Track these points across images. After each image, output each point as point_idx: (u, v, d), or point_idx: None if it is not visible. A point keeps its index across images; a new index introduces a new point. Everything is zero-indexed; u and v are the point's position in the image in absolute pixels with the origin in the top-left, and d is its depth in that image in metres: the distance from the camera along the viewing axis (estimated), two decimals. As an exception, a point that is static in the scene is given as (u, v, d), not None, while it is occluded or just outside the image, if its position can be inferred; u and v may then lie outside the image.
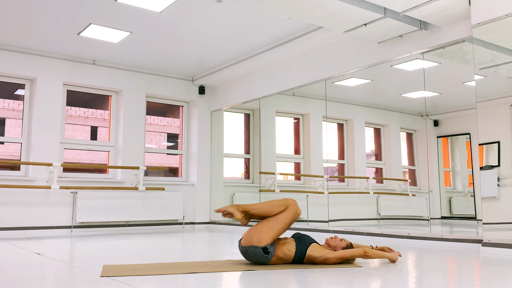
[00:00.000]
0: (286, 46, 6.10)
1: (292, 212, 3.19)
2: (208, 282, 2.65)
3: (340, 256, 3.19)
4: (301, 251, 3.19)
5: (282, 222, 3.16)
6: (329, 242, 3.33)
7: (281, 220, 3.16)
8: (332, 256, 3.17)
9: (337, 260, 3.18)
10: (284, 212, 3.18)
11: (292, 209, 3.19)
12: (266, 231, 3.12)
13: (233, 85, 7.70)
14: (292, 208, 3.20)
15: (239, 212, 3.11)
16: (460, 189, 6.65)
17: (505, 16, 4.10)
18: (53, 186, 6.36)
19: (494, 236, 4.05)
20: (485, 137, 4.30)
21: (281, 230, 3.16)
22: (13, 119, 11.49)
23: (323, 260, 3.17)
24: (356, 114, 7.14)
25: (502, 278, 2.83)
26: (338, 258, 3.18)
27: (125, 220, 6.97)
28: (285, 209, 3.19)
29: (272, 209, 3.17)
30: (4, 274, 2.94)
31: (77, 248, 4.75)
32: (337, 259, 3.18)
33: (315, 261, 3.19)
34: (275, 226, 3.14)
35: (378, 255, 3.26)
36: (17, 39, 6.15)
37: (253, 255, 3.13)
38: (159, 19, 5.46)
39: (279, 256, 3.16)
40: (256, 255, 3.11)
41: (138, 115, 7.44)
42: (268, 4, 4.43)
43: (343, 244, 3.29)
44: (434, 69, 5.51)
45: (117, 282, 2.58)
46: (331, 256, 3.17)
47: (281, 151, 7.52)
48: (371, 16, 4.60)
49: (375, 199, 6.83)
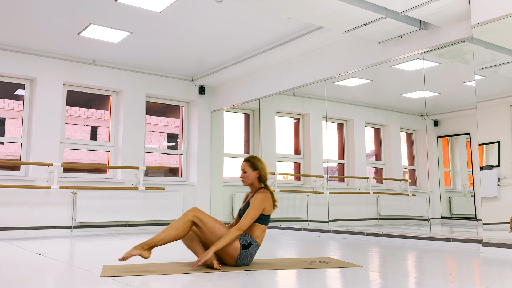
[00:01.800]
0: (286, 46, 6.10)
1: (201, 216, 3.08)
2: (208, 282, 2.65)
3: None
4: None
5: (213, 229, 3.10)
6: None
7: (212, 228, 3.09)
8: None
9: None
10: (204, 223, 3.08)
11: (200, 214, 3.09)
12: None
13: (233, 85, 7.70)
14: (199, 214, 3.09)
15: (147, 251, 2.98)
16: (460, 189, 6.65)
17: (505, 16, 4.10)
18: (53, 186, 6.36)
19: (494, 236, 4.05)
20: (485, 137, 4.30)
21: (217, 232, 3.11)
22: (13, 119, 11.49)
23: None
24: (356, 114, 7.14)
25: (502, 278, 2.83)
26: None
27: (125, 220, 6.97)
28: (193, 222, 3.08)
29: (177, 232, 3.03)
30: (4, 274, 2.94)
31: (77, 248, 4.75)
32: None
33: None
34: (214, 236, 3.10)
35: (223, 243, 3.06)
36: (17, 39, 6.15)
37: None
38: (159, 19, 5.46)
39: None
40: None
41: (138, 115, 7.44)
42: (268, 4, 4.43)
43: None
44: (434, 69, 5.51)
45: (117, 282, 2.58)
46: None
47: (281, 151, 7.52)
48: (371, 16, 4.60)
49: (375, 199, 6.83)
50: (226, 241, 3.03)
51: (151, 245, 2.99)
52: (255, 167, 3.30)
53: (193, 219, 3.07)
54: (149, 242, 2.99)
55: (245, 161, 3.34)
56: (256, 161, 3.32)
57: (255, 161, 3.32)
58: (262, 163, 3.34)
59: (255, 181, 3.32)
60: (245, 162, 3.33)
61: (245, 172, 3.31)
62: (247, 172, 3.31)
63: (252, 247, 3.17)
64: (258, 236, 3.23)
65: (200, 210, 3.12)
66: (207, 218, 3.12)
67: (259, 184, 3.34)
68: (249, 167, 3.31)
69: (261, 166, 3.32)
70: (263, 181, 3.34)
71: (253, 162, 3.31)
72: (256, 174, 3.31)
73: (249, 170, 3.31)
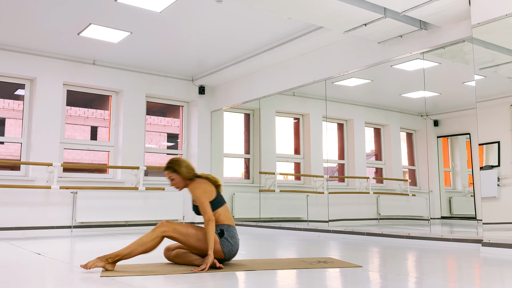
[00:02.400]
0: (286, 46, 6.10)
1: (170, 230, 3.07)
2: (208, 282, 2.65)
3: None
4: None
5: (187, 235, 3.11)
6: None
7: (186, 234, 3.11)
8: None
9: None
10: (178, 233, 3.09)
11: (169, 227, 3.07)
12: (196, 245, 3.12)
13: (233, 85, 7.70)
14: (168, 227, 3.07)
15: (110, 265, 2.96)
16: (460, 189, 6.65)
17: (505, 16, 4.10)
18: (53, 186, 6.36)
19: (494, 236, 4.05)
20: (485, 137, 4.30)
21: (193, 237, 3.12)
22: (13, 119, 11.50)
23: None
24: (356, 114, 7.14)
25: (502, 278, 2.83)
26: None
27: (125, 220, 6.97)
28: (162, 238, 3.07)
29: (144, 248, 3.01)
30: (4, 274, 2.94)
31: (77, 248, 4.75)
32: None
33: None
34: (192, 240, 3.11)
35: (210, 239, 3.07)
36: (17, 39, 6.15)
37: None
38: (159, 19, 5.46)
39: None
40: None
41: (138, 115, 7.44)
42: (268, 4, 4.43)
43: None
44: (434, 69, 5.51)
45: (117, 282, 2.58)
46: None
47: (281, 151, 7.52)
48: (371, 16, 4.60)
49: (375, 199, 6.83)
50: (211, 237, 3.04)
51: (115, 259, 2.97)
52: (176, 171, 3.25)
53: (163, 235, 3.06)
54: (113, 256, 2.96)
55: (165, 170, 3.29)
56: (174, 165, 3.27)
57: (174, 165, 3.27)
58: (180, 163, 3.28)
59: (186, 182, 3.29)
60: (167, 171, 3.29)
61: (172, 180, 3.28)
62: (174, 179, 3.27)
63: (226, 231, 3.18)
64: (223, 220, 3.22)
65: (169, 224, 3.09)
66: (178, 228, 3.10)
67: (191, 180, 3.29)
68: (172, 173, 3.27)
69: (181, 167, 3.25)
70: (190, 176, 3.29)
71: (173, 168, 3.26)
72: (181, 177, 3.26)
73: (174, 176, 3.27)
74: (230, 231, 3.21)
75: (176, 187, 3.30)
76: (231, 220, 3.27)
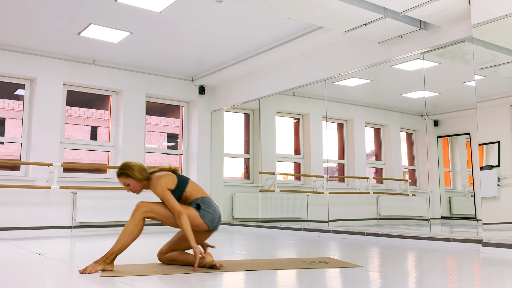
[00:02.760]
0: (286, 46, 6.10)
1: (148, 210, 3.05)
2: (208, 282, 2.65)
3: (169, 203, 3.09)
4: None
5: (167, 213, 3.09)
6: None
7: (164, 212, 3.08)
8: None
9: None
10: (156, 212, 3.06)
11: (147, 207, 3.05)
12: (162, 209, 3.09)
13: (233, 85, 7.70)
14: (146, 208, 3.05)
15: (110, 265, 2.96)
16: (460, 189, 6.65)
17: (505, 16, 4.10)
18: (53, 186, 6.36)
19: (494, 236, 4.05)
20: (485, 137, 4.30)
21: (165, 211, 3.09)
22: (13, 119, 11.50)
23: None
24: (356, 114, 7.14)
25: (502, 278, 2.83)
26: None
27: (125, 220, 6.96)
28: (144, 219, 3.04)
29: (133, 235, 2.99)
30: (4, 274, 2.94)
31: (77, 248, 4.75)
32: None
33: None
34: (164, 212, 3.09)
35: (188, 231, 3.03)
36: (17, 39, 6.15)
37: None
38: (159, 19, 5.46)
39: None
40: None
41: (138, 115, 7.44)
42: (268, 4, 4.43)
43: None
44: (434, 69, 5.51)
45: (117, 282, 2.58)
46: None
47: (281, 151, 7.52)
48: (371, 16, 4.60)
49: (375, 199, 6.84)
50: (188, 229, 3.02)
51: (112, 258, 2.97)
52: (130, 176, 3.16)
53: (144, 216, 3.04)
54: (109, 255, 2.96)
55: (119, 178, 3.19)
56: (127, 170, 3.16)
57: (126, 170, 3.16)
58: (132, 167, 3.18)
59: (142, 184, 3.22)
60: (120, 178, 3.19)
61: (128, 185, 3.19)
62: (130, 184, 3.18)
63: (202, 203, 3.18)
64: (195, 194, 3.22)
65: (145, 204, 3.05)
66: (156, 208, 3.07)
67: (147, 181, 3.23)
68: (126, 179, 3.17)
69: (133, 171, 3.16)
70: (145, 178, 3.20)
71: (126, 173, 3.16)
72: (137, 182, 3.18)
73: (129, 181, 3.17)
74: (205, 202, 3.21)
75: (133, 191, 3.22)
76: (202, 192, 3.27)
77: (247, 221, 7.29)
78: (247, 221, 7.32)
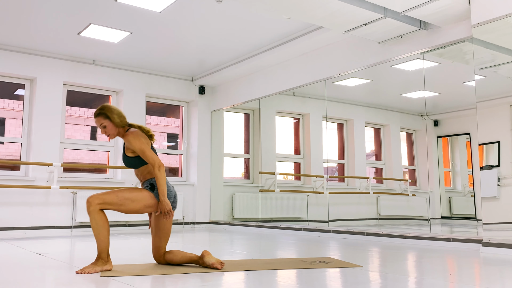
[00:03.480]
0: (286, 46, 6.10)
1: (100, 202, 2.98)
2: (208, 282, 2.65)
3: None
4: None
5: (122, 200, 3.03)
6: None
7: (120, 201, 3.03)
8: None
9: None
10: (110, 203, 3.00)
11: (97, 199, 2.98)
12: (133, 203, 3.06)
13: (233, 85, 7.70)
14: (97, 200, 2.98)
15: (108, 264, 2.97)
16: (460, 189, 6.65)
17: (505, 16, 4.10)
18: (53, 186, 6.36)
19: (494, 236, 4.05)
20: (485, 137, 4.30)
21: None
22: (13, 119, 11.48)
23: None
24: (356, 114, 7.14)
25: (502, 278, 2.83)
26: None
27: (125, 220, 6.96)
28: (102, 210, 3.00)
29: (104, 228, 2.98)
30: (4, 274, 2.94)
31: (77, 248, 4.75)
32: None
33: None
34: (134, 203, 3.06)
35: (163, 185, 3.03)
36: (17, 39, 6.15)
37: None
38: (159, 19, 5.46)
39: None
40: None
41: (138, 115, 7.44)
42: (268, 4, 4.43)
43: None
44: (434, 69, 5.51)
45: (117, 282, 2.58)
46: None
47: (281, 151, 7.52)
48: (371, 16, 4.60)
49: (375, 199, 6.84)
50: (164, 183, 3.03)
51: (105, 255, 2.98)
52: (109, 117, 3.12)
53: (99, 208, 2.97)
54: (103, 255, 2.97)
55: (97, 117, 3.14)
56: (106, 111, 3.13)
57: (105, 111, 3.13)
58: (112, 110, 3.15)
59: (119, 130, 3.19)
60: (97, 118, 3.14)
61: (104, 127, 3.14)
62: (106, 127, 3.14)
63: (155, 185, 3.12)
64: (151, 174, 3.15)
65: (94, 197, 2.96)
66: (108, 198, 2.99)
67: (124, 129, 3.21)
68: (104, 120, 3.13)
69: (113, 114, 3.13)
70: (123, 125, 3.19)
71: (105, 114, 3.12)
72: (113, 124, 3.14)
73: (106, 123, 3.13)
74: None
75: (107, 135, 3.17)
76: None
77: (247, 221, 7.29)
78: (247, 221, 7.32)
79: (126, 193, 3.06)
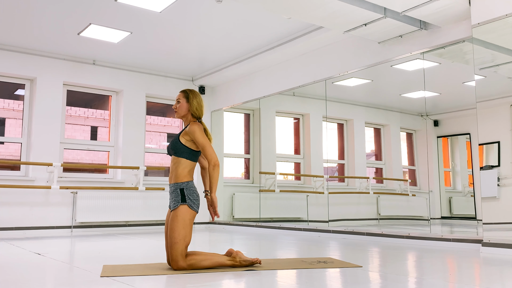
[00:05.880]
0: (286, 46, 6.10)
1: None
2: (208, 282, 2.65)
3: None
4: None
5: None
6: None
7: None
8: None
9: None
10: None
11: (185, 262, 2.98)
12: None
13: (233, 85, 7.70)
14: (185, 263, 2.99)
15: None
16: (460, 189, 6.65)
17: (505, 16, 4.10)
18: (53, 186, 6.36)
19: (494, 236, 4.05)
20: (485, 137, 4.30)
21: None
22: (13, 119, 11.49)
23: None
24: (356, 114, 7.15)
25: (502, 278, 2.83)
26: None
27: (125, 220, 6.97)
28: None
29: (212, 257, 3.09)
30: (4, 274, 2.94)
31: (77, 248, 4.75)
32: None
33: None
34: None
35: (215, 183, 3.10)
36: (17, 39, 6.15)
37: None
38: (159, 19, 5.46)
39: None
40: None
41: (138, 115, 7.44)
42: (268, 4, 4.43)
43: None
44: (434, 69, 5.51)
45: (117, 282, 2.58)
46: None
47: (281, 151, 7.52)
48: (371, 16, 4.60)
49: (375, 199, 6.84)
50: (215, 181, 3.06)
51: (230, 255, 3.15)
52: (188, 99, 3.18)
53: (187, 262, 2.99)
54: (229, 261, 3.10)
55: (180, 92, 3.23)
56: (190, 93, 3.20)
57: (190, 93, 3.20)
58: (196, 95, 3.20)
59: (188, 115, 3.21)
60: (180, 93, 3.22)
61: (179, 103, 3.20)
62: (181, 103, 3.19)
63: (187, 190, 3.05)
64: (186, 176, 3.10)
65: (175, 261, 2.96)
66: (179, 248, 2.96)
67: (193, 119, 3.21)
68: (183, 98, 3.19)
69: (194, 99, 3.18)
70: (196, 117, 3.21)
71: (188, 95, 3.19)
72: (188, 107, 3.18)
73: (183, 101, 3.19)
74: (189, 188, 3.07)
75: (176, 111, 3.22)
76: (191, 177, 3.15)
77: (247, 221, 7.29)
78: (247, 221, 7.32)
79: (176, 232, 2.98)
